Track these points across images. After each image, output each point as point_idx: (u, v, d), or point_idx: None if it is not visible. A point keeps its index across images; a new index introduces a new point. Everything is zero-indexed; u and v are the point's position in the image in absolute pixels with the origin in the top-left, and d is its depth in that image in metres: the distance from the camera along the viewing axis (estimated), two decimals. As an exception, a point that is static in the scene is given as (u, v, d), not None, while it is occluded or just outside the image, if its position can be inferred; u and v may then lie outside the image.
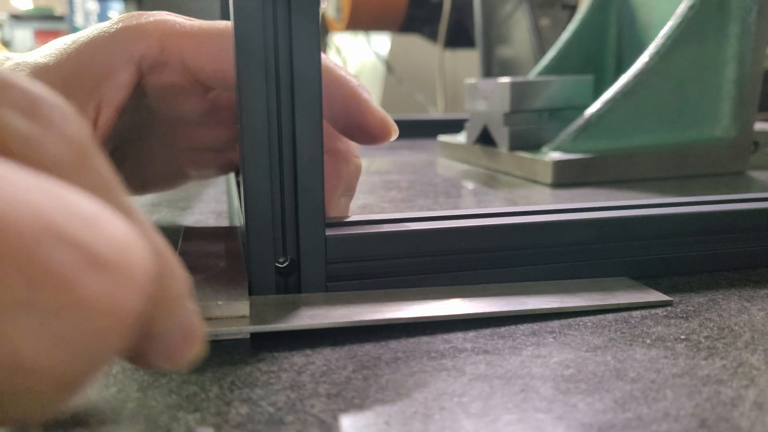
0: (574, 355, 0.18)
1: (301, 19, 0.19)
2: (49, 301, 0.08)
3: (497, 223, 0.22)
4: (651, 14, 0.54)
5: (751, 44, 0.46)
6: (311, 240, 0.20)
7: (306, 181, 0.20)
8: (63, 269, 0.08)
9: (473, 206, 0.40)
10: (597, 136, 0.46)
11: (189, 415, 0.15)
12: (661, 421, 0.14)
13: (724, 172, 0.48)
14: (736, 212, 0.25)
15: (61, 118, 0.10)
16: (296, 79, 0.19)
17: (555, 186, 0.45)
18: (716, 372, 0.17)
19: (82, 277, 0.08)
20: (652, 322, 0.20)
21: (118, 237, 0.09)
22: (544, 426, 0.14)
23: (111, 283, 0.09)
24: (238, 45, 0.19)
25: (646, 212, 0.24)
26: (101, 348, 0.09)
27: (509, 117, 0.50)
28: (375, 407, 0.15)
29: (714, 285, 0.24)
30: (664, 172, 0.47)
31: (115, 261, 0.09)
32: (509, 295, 0.21)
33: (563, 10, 0.84)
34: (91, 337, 0.09)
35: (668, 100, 0.47)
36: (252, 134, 0.19)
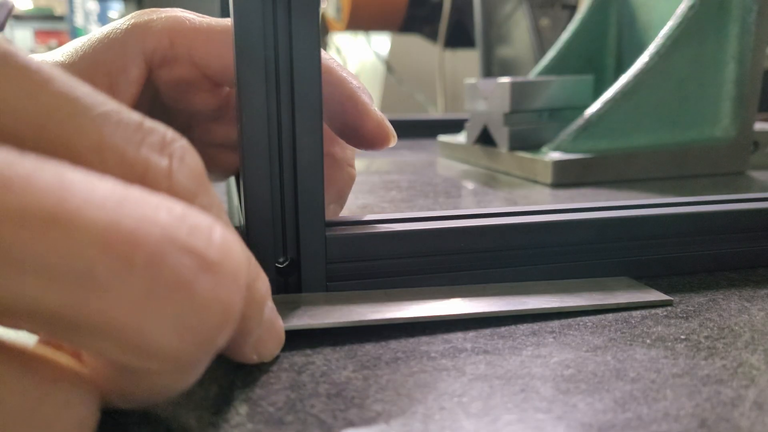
0: (574, 355, 0.18)
1: (301, 19, 0.19)
2: (173, 298, 0.10)
3: (497, 223, 0.22)
4: (651, 14, 0.54)
5: (751, 44, 0.46)
6: (311, 240, 0.20)
7: (306, 182, 0.20)
8: (183, 272, 0.10)
9: (473, 206, 0.40)
10: (597, 136, 0.46)
11: (189, 415, 0.15)
12: (661, 421, 0.14)
13: (724, 172, 0.48)
14: (736, 212, 0.25)
15: (187, 154, 0.12)
16: (296, 79, 0.19)
17: (555, 186, 0.45)
18: (716, 372, 0.17)
19: (197, 277, 0.10)
20: (652, 322, 0.20)
21: (225, 244, 0.11)
22: (544, 426, 0.14)
23: (220, 283, 0.11)
24: (238, 45, 0.19)
25: (646, 212, 0.24)
26: (212, 337, 0.11)
27: (509, 117, 0.50)
28: (375, 407, 0.15)
29: (714, 285, 0.24)
30: (664, 172, 0.47)
31: (223, 264, 0.11)
32: (509, 294, 0.21)
33: (563, 10, 0.84)
34: (205, 328, 0.11)
35: (668, 100, 0.47)
36: (252, 134, 0.19)
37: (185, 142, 0.13)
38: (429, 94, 1.33)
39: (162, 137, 0.12)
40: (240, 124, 0.19)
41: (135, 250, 0.10)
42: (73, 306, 0.09)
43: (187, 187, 0.12)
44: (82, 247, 0.09)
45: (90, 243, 0.09)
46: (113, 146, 0.11)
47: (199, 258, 0.10)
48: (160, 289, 0.10)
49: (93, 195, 0.09)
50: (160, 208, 0.10)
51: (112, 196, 0.10)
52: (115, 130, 0.11)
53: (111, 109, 0.11)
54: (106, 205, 0.10)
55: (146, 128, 0.12)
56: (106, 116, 0.11)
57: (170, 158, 0.12)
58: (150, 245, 0.10)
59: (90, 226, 0.09)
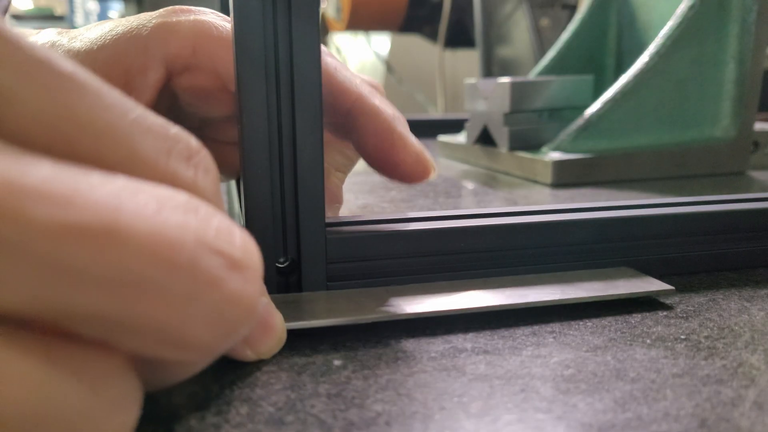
0: (574, 355, 0.18)
1: (301, 19, 0.19)
2: (207, 297, 0.11)
3: (497, 223, 0.22)
4: (651, 14, 0.54)
5: (751, 44, 0.46)
6: (311, 240, 0.20)
7: (306, 181, 0.20)
8: (215, 272, 0.11)
9: (473, 206, 0.40)
10: (597, 136, 0.46)
11: (189, 415, 0.15)
12: (661, 421, 0.14)
13: (724, 172, 0.48)
14: (736, 212, 0.25)
15: (210, 164, 0.13)
16: (296, 79, 0.19)
17: (555, 186, 0.45)
18: (716, 372, 0.17)
19: (226, 276, 0.11)
20: (652, 322, 0.20)
21: (245, 243, 0.12)
22: (544, 426, 0.14)
23: (245, 279, 0.11)
24: (238, 45, 0.19)
25: (646, 212, 0.24)
26: (239, 329, 0.12)
27: (509, 117, 0.50)
28: (375, 407, 0.15)
29: (714, 285, 0.24)
30: (664, 172, 0.47)
31: (246, 262, 0.12)
32: (510, 287, 0.21)
33: (563, 10, 0.84)
34: (234, 321, 0.11)
35: (668, 100, 0.47)
36: (252, 134, 0.19)
37: (207, 152, 0.13)
38: (429, 94, 1.33)
39: (188, 147, 0.12)
40: (240, 124, 0.19)
41: (177, 256, 0.10)
42: (124, 310, 0.10)
43: (209, 196, 0.13)
44: (135, 257, 0.10)
45: (141, 252, 0.10)
46: (144, 158, 0.11)
47: (227, 258, 0.11)
48: (197, 290, 0.11)
49: (138, 205, 0.10)
50: (189, 212, 0.11)
51: (152, 205, 0.10)
52: (145, 140, 0.11)
53: (140, 115, 0.11)
54: (149, 215, 0.10)
55: (173, 137, 0.12)
56: (136, 124, 0.11)
57: (195, 169, 0.12)
58: (188, 250, 0.10)
59: (140, 236, 0.10)
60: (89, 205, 0.09)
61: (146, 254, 0.10)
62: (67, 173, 0.10)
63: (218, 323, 0.11)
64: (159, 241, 0.10)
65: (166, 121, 0.12)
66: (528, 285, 0.22)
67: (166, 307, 0.10)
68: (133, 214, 0.10)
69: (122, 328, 0.10)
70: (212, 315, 0.11)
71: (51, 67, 0.10)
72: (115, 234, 0.09)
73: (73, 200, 0.09)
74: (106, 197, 0.10)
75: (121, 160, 0.11)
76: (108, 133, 0.11)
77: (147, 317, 0.10)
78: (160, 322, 0.10)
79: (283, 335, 0.18)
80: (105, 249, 0.09)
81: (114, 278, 0.10)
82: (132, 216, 0.10)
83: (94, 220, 0.09)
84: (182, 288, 0.10)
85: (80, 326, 0.10)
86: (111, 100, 0.11)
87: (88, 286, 0.09)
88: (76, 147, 0.10)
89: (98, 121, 0.11)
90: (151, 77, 0.23)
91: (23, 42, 0.10)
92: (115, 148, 0.11)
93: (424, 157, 0.21)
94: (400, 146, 0.21)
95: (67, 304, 0.09)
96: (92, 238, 0.09)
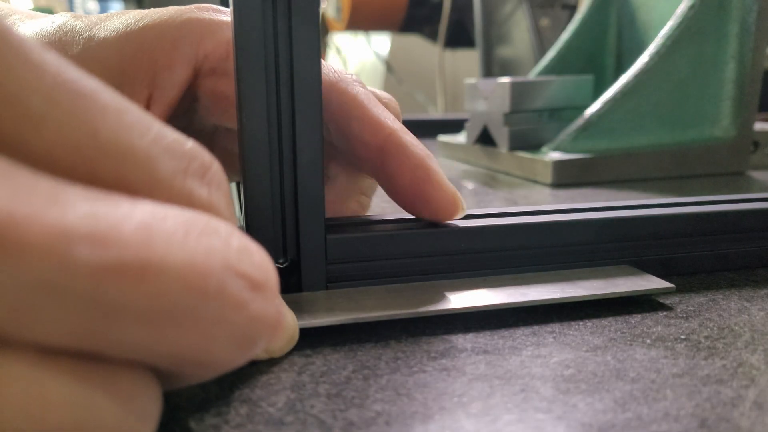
0: (574, 355, 0.18)
1: (301, 19, 0.19)
2: (233, 320, 0.11)
3: (497, 223, 0.22)
4: (651, 14, 0.54)
5: (751, 44, 0.46)
6: (311, 240, 0.20)
7: (306, 182, 0.20)
8: (239, 294, 0.11)
9: (473, 206, 0.40)
10: (597, 136, 0.46)
11: (189, 416, 0.15)
12: (661, 421, 0.14)
13: (724, 172, 0.48)
14: (736, 212, 0.25)
15: (222, 179, 0.13)
16: (296, 79, 0.19)
17: (555, 186, 0.45)
18: (716, 372, 0.17)
19: (249, 298, 0.11)
20: (652, 322, 0.20)
21: (263, 262, 0.12)
22: (544, 426, 0.14)
23: (266, 298, 0.12)
24: (238, 45, 0.19)
25: (646, 212, 0.24)
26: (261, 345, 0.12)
27: (509, 117, 0.50)
28: (375, 407, 0.15)
29: (714, 285, 0.24)
30: (664, 172, 0.47)
31: (266, 282, 0.12)
32: (510, 285, 0.21)
33: (563, 10, 0.84)
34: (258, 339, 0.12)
35: (668, 100, 0.47)
36: (252, 134, 0.19)
37: (218, 166, 0.13)
38: (429, 94, 1.33)
39: (202, 164, 0.12)
40: (240, 125, 0.19)
41: (207, 283, 0.10)
42: (157, 337, 0.10)
43: (223, 212, 0.13)
44: (169, 288, 0.10)
45: (175, 283, 0.10)
46: (163, 178, 0.11)
47: (249, 280, 0.11)
48: (224, 314, 0.11)
49: (167, 234, 0.10)
50: (213, 236, 0.11)
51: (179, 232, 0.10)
52: (163, 160, 0.11)
53: (158, 133, 0.11)
54: (177, 243, 0.10)
55: (189, 154, 0.12)
56: (155, 144, 0.11)
57: (209, 186, 0.12)
58: (216, 276, 0.11)
59: (173, 267, 0.10)
60: (124, 240, 0.10)
61: (179, 284, 0.10)
62: (101, 207, 0.10)
63: (242, 342, 0.12)
64: (190, 270, 0.10)
65: (181, 136, 0.12)
66: (528, 284, 0.22)
67: (195, 332, 0.11)
68: (165, 245, 0.10)
69: (152, 352, 0.10)
70: (237, 335, 0.11)
71: (77, 89, 0.10)
72: (150, 268, 0.10)
73: (111, 238, 0.09)
74: (138, 230, 0.10)
75: (141, 182, 0.11)
76: (129, 155, 0.11)
77: (177, 342, 0.10)
78: (189, 345, 0.11)
79: (295, 334, 0.18)
80: (142, 284, 0.10)
81: (150, 310, 0.10)
82: (164, 247, 0.10)
83: (131, 256, 0.09)
84: (211, 313, 0.11)
85: (112, 352, 0.10)
86: (131, 119, 0.11)
87: (126, 319, 0.10)
88: (98, 170, 0.10)
89: (120, 143, 0.11)
90: (177, 75, 0.22)
91: (51, 63, 0.10)
92: (136, 170, 0.11)
93: (458, 198, 0.21)
94: (436, 183, 0.21)
95: (104, 335, 0.10)
96: (130, 275, 0.09)
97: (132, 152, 0.11)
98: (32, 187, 0.09)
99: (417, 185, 0.21)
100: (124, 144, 0.11)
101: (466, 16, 1.04)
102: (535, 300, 0.20)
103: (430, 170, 0.21)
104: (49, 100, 0.10)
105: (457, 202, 0.21)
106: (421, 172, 0.21)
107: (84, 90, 0.10)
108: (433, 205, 0.21)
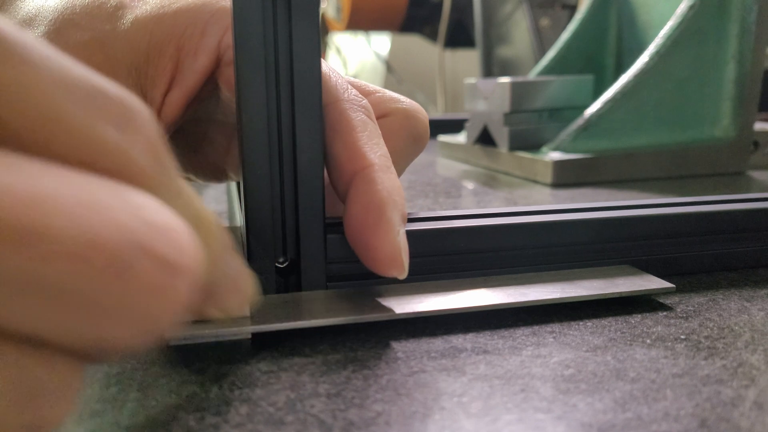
0: (574, 355, 0.18)
1: (301, 19, 0.19)
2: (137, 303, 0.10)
3: (497, 223, 0.22)
4: (651, 14, 0.54)
5: (751, 44, 0.46)
6: (311, 240, 0.20)
7: (306, 182, 0.20)
8: (148, 276, 0.10)
9: (473, 206, 0.40)
10: (597, 136, 0.46)
11: (189, 415, 0.15)
12: (661, 421, 0.14)
13: (724, 172, 0.48)
14: (736, 212, 0.25)
15: (145, 125, 0.11)
16: (296, 79, 0.19)
17: (555, 186, 0.45)
18: (716, 372, 0.17)
19: (160, 280, 0.10)
20: (652, 322, 0.20)
21: (182, 242, 0.11)
22: (544, 426, 0.14)
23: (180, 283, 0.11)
24: (238, 45, 0.19)
25: (646, 212, 0.24)
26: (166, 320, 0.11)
27: (509, 117, 0.50)
28: (375, 407, 0.15)
29: (714, 285, 0.24)
30: (664, 172, 0.47)
31: (182, 264, 0.11)
32: (510, 285, 0.21)
33: (563, 10, 0.84)
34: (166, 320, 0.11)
35: (668, 100, 0.47)
36: (252, 134, 0.19)
37: (149, 115, 0.12)
38: (429, 94, 1.33)
39: (123, 109, 0.11)
40: (240, 125, 0.19)
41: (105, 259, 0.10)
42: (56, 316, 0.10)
43: (144, 167, 0.11)
44: (56, 258, 0.09)
45: (62, 254, 0.09)
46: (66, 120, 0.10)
47: (161, 261, 0.10)
48: (126, 296, 0.10)
49: (69, 204, 0.09)
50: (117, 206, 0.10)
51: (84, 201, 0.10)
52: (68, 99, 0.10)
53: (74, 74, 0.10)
54: (78, 213, 0.09)
55: (107, 97, 0.11)
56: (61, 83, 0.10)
57: (126, 131, 0.11)
58: (115, 251, 0.10)
59: (60, 237, 0.09)
60: (16, 203, 0.09)
61: (69, 256, 0.09)
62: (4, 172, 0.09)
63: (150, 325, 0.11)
64: (85, 243, 0.09)
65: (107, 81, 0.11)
66: (528, 284, 0.22)
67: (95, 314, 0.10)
68: (61, 214, 0.09)
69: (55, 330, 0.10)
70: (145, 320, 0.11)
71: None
72: (32, 235, 0.09)
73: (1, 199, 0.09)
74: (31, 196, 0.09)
75: (43, 121, 0.10)
76: (23, 91, 0.10)
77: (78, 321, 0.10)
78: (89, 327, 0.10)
79: (251, 288, 0.16)
80: (22, 249, 0.09)
81: (35, 280, 0.09)
82: (58, 216, 0.09)
83: (11, 220, 0.09)
84: (111, 293, 0.10)
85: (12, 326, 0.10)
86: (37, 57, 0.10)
87: (9, 288, 0.09)
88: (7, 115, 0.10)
89: (17, 79, 0.10)
90: (199, 62, 0.22)
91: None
92: (34, 107, 0.10)
93: (399, 256, 0.19)
94: (383, 232, 0.19)
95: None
96: (8, 239, 0.09)
97: (26, 88, 0.10)
98: None
99: (364, 227, 0.19)
100: (20, 80, 0.10)
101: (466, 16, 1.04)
102: (535, 300, 0.20)
103: (384, 216, 0.19)
104: None
105: (397, 261, 0.19)
106: (373, 215, 0.19)
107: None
108: (373, 253, 0.19)
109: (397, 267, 0.19)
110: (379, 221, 0.19)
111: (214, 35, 0.22)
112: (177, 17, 0.22)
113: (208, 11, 0.22)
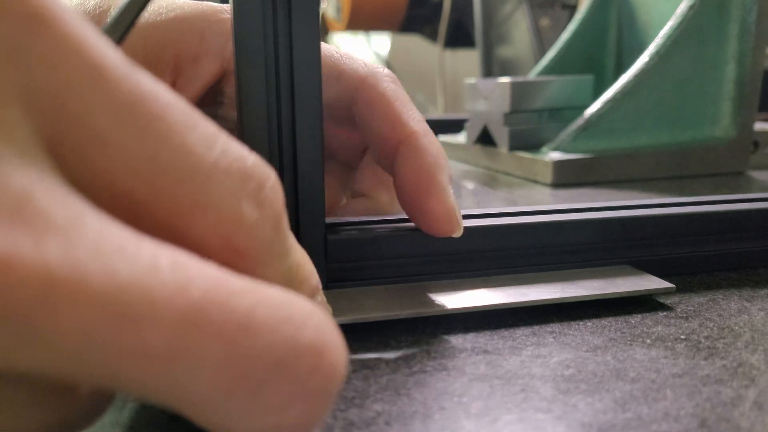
0: (574, 355, 0.18)
1: (301, 19, 0.19)
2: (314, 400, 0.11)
3: (497, 223, 0.22)
4: (651, 14, 0.54)
5: (751, 44, 0.46)
6: (311, 241, 0.20)
7: (306, 182, 0.20)
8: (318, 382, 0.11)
9: (473, 206, 0.40)
10: (597, 136, 0.46)
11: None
12: (661, 421, 0.14)
13: (724, 172, 0.48)
14: (736, 212, 0.25)
15: (275, 196, 0.11)
16: (296, 78, 0.19)
17: (555, 186, 0.45)
18: (716, 372, 0.17)
19: (329, 386, 0.11)
20: (652, 322, 0.20)
21: (342, 351, 0.12)
22: (544, 426, 0.14)
23: (338, 385, 0.11)
24: (238, 45, 0.19)
25: (646, 212, 0.24)
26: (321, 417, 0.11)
27: (509, 117, 0.50)
28: (375, 407, 0.15)
29: (714, 285, 0.24)
30: (664, 172, 0.47)
31: (342, 372, 0.11)
32: (510, 285, 0.21)
33: (563, 10, 0.84)
34: (323, 415, 0.11)
35: (668, 100, 0.47)
36: (252, 134, 0.19)
37: (275, 180, 0.12)
38: (429, 94, 1.33)
39: (259, 183, 0.11)
40: (240, 124, 0.19)
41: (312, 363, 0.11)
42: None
43: (264, 235, 0.11)
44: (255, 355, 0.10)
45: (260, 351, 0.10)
46: (218, 202, 0.10)
47: (314, 357, 0.11)
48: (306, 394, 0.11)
49: (262, 307, 0.10)
50: (299, 322, 0.11)
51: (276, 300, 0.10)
52: (220, 180, 0.10)
53: (221, 150, 0.10)
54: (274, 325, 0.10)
55: (248, 172, 0.11)
56: (216, 164, 0.10)
57: (261, 208, 0.11)
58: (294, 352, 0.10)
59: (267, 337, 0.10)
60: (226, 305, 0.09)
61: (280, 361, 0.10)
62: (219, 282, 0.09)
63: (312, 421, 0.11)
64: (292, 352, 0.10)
65: (244, 151, 0.11)
66: (528, 284, 0.22)
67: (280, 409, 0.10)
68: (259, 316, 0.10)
69: None
70: (311, 418, 0.11)
71: (146, 109, 0.10)
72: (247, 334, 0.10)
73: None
74: (245, 299, 0.10)
75: (195, 203, 0.10)
76: (186, 178, 0.10)
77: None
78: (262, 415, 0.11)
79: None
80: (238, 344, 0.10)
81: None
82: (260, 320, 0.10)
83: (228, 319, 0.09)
84: (292, 390, 0.10)
85: None
86: (196, 137, 0.10)
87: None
88: (155, 192, 0.10)
89: (179, 165, 0.10)
90: (203, 68, 0.22)
91: (124, 79, 0.10)
92: (192, 191, 0.10)
93: (454, 215, 0.20)
94: (437, 195, 0.20)
95: None
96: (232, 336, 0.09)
97: (190, 174, 0.10)
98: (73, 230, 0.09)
99: (418, 193, 0.20)
100: (183, 166, 0.10)
101: (466, 16, 1.04)
102: (535, 300, 0.20)
103: (435, 181, 0.20)
104: (115, 122, 0.09)
105: (453, 220, 0.20)
106: (426, 180, 0.20)
107: (153, 109, 0.10)
108: (429, 217, 0.20)
109: (453, 226, 0.20)
110: (430, 186, 0.20)
111: (216, 40, 0.22)
112: (173, 24, 0.22)
113: (207, 19, 0.22)
